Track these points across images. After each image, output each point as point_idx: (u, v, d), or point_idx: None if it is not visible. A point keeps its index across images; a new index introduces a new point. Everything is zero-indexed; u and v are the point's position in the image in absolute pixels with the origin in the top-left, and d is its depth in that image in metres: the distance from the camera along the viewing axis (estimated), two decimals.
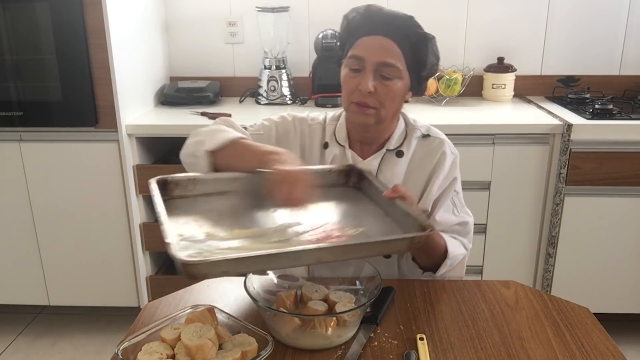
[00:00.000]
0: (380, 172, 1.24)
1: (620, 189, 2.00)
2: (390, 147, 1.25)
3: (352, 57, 1.17)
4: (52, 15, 1.89)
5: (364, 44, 1.16)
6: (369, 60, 1.14)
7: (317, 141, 1.28)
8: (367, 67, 1.15)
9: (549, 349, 0.92)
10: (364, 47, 1.15)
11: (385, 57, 1.14)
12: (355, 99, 1.17)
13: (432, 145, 1.27)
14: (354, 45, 1.17)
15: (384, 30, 1.15)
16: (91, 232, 2.13)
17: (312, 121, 1.30)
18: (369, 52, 1.14)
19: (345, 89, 1.20)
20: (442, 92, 2.32)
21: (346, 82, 1.19)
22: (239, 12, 2.46)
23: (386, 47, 1.14)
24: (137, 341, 0.86)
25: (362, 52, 1.15)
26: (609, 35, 2.42)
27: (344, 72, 1.19)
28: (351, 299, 0.97)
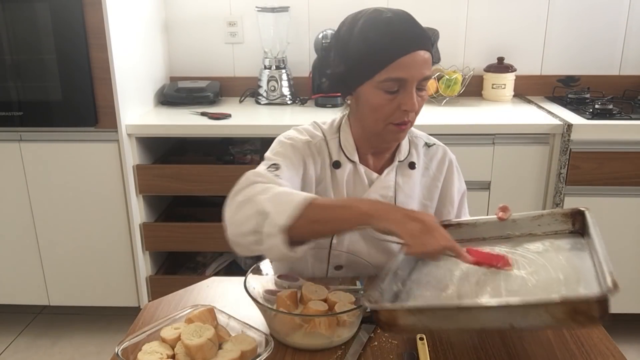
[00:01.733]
0: (398, 186, 1.18)
1: (620, 189, 2.00)
2: (401, 159, 1.20)
3: (389, 80, 1.03)
4: (52, 15, 1.89)
5: (405, 63, 1.03)
6: (412, 80, 1.04)
7: (325, 162, 1.17)
8: (410, 86, 1.04)
9: (549, 349, 0.92)
10: (405, 67, 1.03)
11: (426, 71, 1.05)
12: (397, 120, 1.07)
13: (438, 155, 1.24)
14: (389, 67, 1.03)
15: (418, 44, 1.04)
16: (91, 232, 2.13)
17: (314, 139, 1.17)
18: (411, 72, 1.03)
19: (380, 112, 1.07)
20: (442, 92, 2.32)
21: (382, 107, 1.06)
22: (239, 12, 2.46)
23: (426, 61, 1.05)
24: (137, 341, 0.86)
25: (405, 73, 1.03)
26: (609, 36, 2.42)
27: (376, 95, 1.06)
28: (351, 299, 0.97)
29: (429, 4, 2.39)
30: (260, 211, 0.92)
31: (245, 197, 0.96)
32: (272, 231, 0.90)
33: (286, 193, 0.95)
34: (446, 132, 1.98)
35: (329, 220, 0.92)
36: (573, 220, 1.03)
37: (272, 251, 0.92)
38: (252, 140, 2.26)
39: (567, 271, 0.89)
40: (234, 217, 0.96)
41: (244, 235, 0.94)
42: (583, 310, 0.70)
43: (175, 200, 2.42)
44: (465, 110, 2.25)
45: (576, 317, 0.71)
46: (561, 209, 1.05)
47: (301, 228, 0.90)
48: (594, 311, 0.70)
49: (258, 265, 1.03)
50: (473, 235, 1.10)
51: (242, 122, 2.08)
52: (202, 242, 2.15)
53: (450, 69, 2.40)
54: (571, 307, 0.71)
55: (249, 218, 0.93)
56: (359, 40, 1.05)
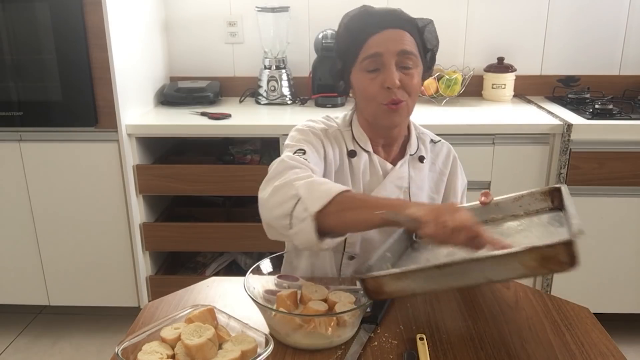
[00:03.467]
0: (411, 178, 1.22)
1: (620, 189, 2.00)
2: (412, 152, 1.24)
3: (366, 58, 1.11)
4: (52, 15, 1.89)
5: (376, 40, 1.10)
6: (387, 54, 1.10)
7: (342, 150, 1.20)
8: (387, 61, 1.10)
9: (549, 349, 0.92)
10: (378, 43, 1.10)
11: (402, 45, 1.10)
12: (385, 100, 1.12)
13: (444, 151, 1.30)
14: (364, 46, 1.11)
15: (392, 23, 1.12)
16: (91, 232, 2.13)
17: (330, 129, 1.21)
18: (385, 45, 1.10)
19: (367, 94, 1.13)
20: (442, 92, 2.32)
21: (367, 87, 1.12)
22: (239, 12, 2.46)
23: (400, 36, 1.11)
24: (137, 341, 0.86)
25: (378, 47, 1.10)
26: (609, 36, 2.42)
27: (361, 77, 1.13)
28: (351, 299, 0.97)
29: (429, 4, 2.39)
30: (294, 195, 0.95)
31: (284, 180, 0.99)
32: (303, 215, 0.93)
33: (322, 182, 0.99)
34: (446, 132, 1.97)
35: (357, 208, 0.93)
36: (552, 198, 1.08)
37: (300, 236, 0.95)
38: (252, 140, 2.26)
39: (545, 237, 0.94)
40: (270, 200, 0.99)
41: (277, 218, 0.97)
42: (551, 255, 0.74)
43: (175, 200, 2.42)
44: (465, 110, 2.25)
45: (546, 264, 0.74)
46: (539, 188, 1.10)
47: (331, 216, 0.92)
48: (561, 256, 0.74)
49: (258, 265, 1.03)
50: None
51: (242, 122, 2.08)
52: (202, 242, 2.15)
53: (450, 69, 2.40)
54: (539, 254, 0.74)
55: (284, 202, 0.96)
56: (343, 32, 1.16)
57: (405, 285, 0.83)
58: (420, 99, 2.40)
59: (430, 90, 2.33)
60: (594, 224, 2.03)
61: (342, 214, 0.93)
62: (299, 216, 0.94)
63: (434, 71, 2.38)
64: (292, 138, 1.17)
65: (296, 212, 0.94)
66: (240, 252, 2.33)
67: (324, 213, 0.92)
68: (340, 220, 0.94)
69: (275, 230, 1.01)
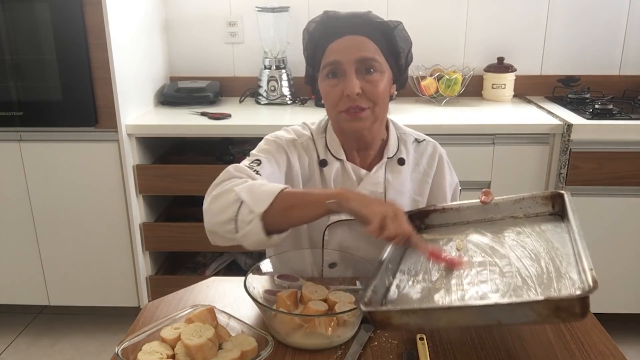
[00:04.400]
0: (388, 182, 1.20)
1: (620, 189, 2.00)
2: (390, 155, 1.22)
3: (326, 65, 1.11)
4: (52, 15, 1.89)
5: (335, 48, 1.10)
6: (345, 61, 1.09)
7: (313, 160, 1.20)
8: (346, 68, 1.09)
9: (549, 349, 0.92)
10: (336, 51, 1.10)
11: (361, 52, 1.09)
12: (344, 107, 1.10)
13: (428, 150, 1.27)
14: (325, 54, 1.11)
15: (352, 29, 1.10)
16: (91, 232, 2.13)
17: (301, 138, 1.21)
18: (343, 53, 1.09)
19: (329, 100, 1.13)
20: (442, 92, 2.32)
21: (328, 93, 1.12)
22: (239, 12, 2.46)
23: (359, 43, 1.10)
24: (137, 341, 0.86)
25: (336, 55, 1.09)
26: (609, 36, 2.42)
27: (323, 84, 1.13)
28: (351, 299, 0.97)
29: (429, 4, 2.39)
30: (236, 200, 0.98)
31: (222, 188, 1.02)
32: (249, 218, 0.96)
33: (260, 184, 1.01)
34: (446, 132, 1.98)
35: (300, 204, 0.97)
36: (552, 203, 1.07)
37: (248, 237, 0.97)
38: (252, 140, 2.26)
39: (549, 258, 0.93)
40: (211, 207, 1.02)
41: (220, 224, 1.00)
42: (565, 307, 0.74)
43: (175, 200, 2.42)
44: (465, 110, 2.25)
45: (559, 314, 0.75)
46: (541, 192, 1.09)
47: (276, 214, 0.96)
48: (575, 308, 0.74)
49: (258, 265, 1.03)
50: (457, 219, 1.13)
51: (242, 122, 2.08)
52: (202, 242, 2.15)
53: (450, 69, 2.40)
54: (554, 305, 0.75)
55: (226, 207, 0.98)
56: (307, 39, 1.17)
57: (414, 320, 0.83)
58: (420, 99, 2.40)
59: (430, 90, 2.33)
60: (594, 224, 2.03)
61: (286, 211, 0.97)
62: (245, 219, 0.96)
63: (434, 71, 2.39)
64: (258, 147, 1.19)
65: (241, 216, 0.97)
66: (240, 252, 2.33)
67: (269, 212, 0.95)
68: (285, 216, 0.97)
69: (219, 236, 1.02)
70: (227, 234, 1.00)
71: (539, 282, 0.87)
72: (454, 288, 0.92)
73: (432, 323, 0.86)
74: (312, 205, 0.97)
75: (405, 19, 1.25)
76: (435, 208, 1.16)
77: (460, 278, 0.94)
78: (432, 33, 2.42)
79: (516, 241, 1.02)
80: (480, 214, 1.12)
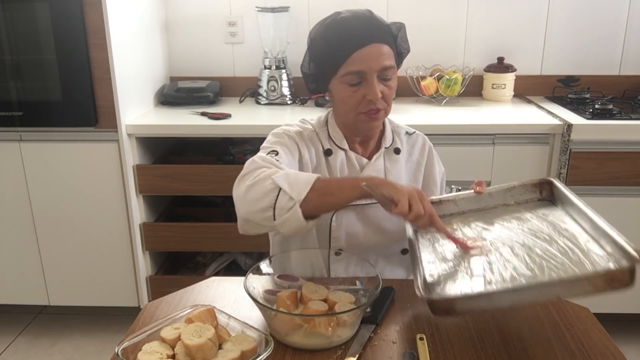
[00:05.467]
0: (387, 170, 1.27)
1: (620, 189, 2.00)
2: (387, 145, 1.29)
3: (349, 74, 1.14)
4: (52, 15, 1.89)
5: (359, 57, 1.13)
6: (370, 71, 1.13)
7: (318, 150, 1.26)
8: (370, 77, 1.14)
9: (549, 349, 0.92)
10: (361, 60, 1.13)
11: (384, 61, 1.14)
12: (365, 110, 1.17)
13: (418, 142, 1.34)
14: (347, 62, 1.14)
15: (372, 37, 1.13)
16: (91, 232, 2.13)
17: (305, 131, 1.27)
18: (369, 63, 1.13)
19: (347, 104, 1.18)
20: (442, 92, 2.32)
21: (348, 98, 1.17)
22: (239, 12, 2.46)
23: (381, 52, 1.14)
24: (137, 341, 0.86)
25: (362, 65, 1.13)
26: (609, 36, 2.42)
27: (342, 89, 1.17)
28: (351, 299, 0.97)
29: (429, 4, 2.39)
30: (274, 188, 1.01)
31: (256, 178, 1.05)
32: (289, 205, 1.00)
33: (295, 172, 1.06)
34: (446, 132, 1.98)
35: (335, 191, 1.03)
36: (540, 189, 1.15)
37: (287, 224, 1.01)
38: (252, 140, 2.26)
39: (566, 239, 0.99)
40: (247, 195, 1.04)
41: (258, 211, 1.03)
42: (619, 278, 0.81)
43: (175, 200, 2.42)
44: (465, 110, 2.25)
45: (613, 284, 0.81)
46: (530, 180, 1.16)
47: (313, 201, 1.00)
48: (626, 277, 0.81)
49: (258, 265, 1.03)
50: (454, 210, 1.19)
51: (242, 122, 2.08)
52: (202, 242, 2.15)
53: (450, 69, 2.40)
54: (610, 277, 0.82)
55: (264, 195, 1.02)
56: (321, 42, 1.18)
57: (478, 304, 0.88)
58: (420, 99, 2.40)
59: (430, 90, 2.33)
60: None
61: (322, 197, 1.01)
62: (284, 206, 1.00)
63: (434, 71, 2.39)
64: (268, 141, 1.23)
65: (280, 203, 1.00)
66: (240, 252, 2.33)
67: (307, 199, 1.00)
68: (321, 203, 1.02)
69: (254, 224, 1.06)
70: (264, 221, 1.03)
71: (569, 259, 0.92)
72: (488, 272, 0.96)
73: (496, 305, 0.90)
74: (346, 190, 1.02)
75: (405, 18, 1.26)
76: (432, 200, 1.20)
77: (489, 262, 0.98)
78: (432, 33, 2.42)
79: (521, 227, 1.07)
80: (475, 203, 1.18)
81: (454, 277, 0.97)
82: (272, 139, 1.23)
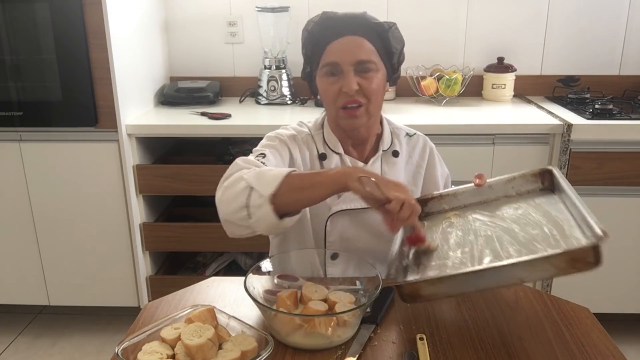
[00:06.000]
0: (384, 173, 1.26)
1: (620, 189, 2.00)
2: (385, 148, 1.28)
3: (325, 65, 1.15)
4: (52, 15, 1.89)
5: (334, 48, 1.14)
6: (344, 63, 1.13)
7: (313, 154, 1.25)
8: (345, 68, 1.14)
9: (549, 349, 0.92)
10: (335, 52, 1.14)
11: (359, 55, 1.14)
12: (341, 103, 1.16)
13: (419, 144, 1.33)
14: (324, 53, 1.15)
15: (350, 30, 1.15)
16: (91, 232, 2.13)
17: (300, 134, 1.26)
18: (342, 55, 1.13)
19: (327, 97, 1.18)
20: (442, 92, 2.32)
21: (327, 91, 1.17)
22: (239, 12, 2.46)
23: (357, 44, 1.14)
24: (137, 341, 0.86)
25: (335, 56, 1.14)
26: (609, 36, 2.42)
27: (321, 82, 1.18)
28: (351, 299, 0.97)
29: (429, 4, 2.39)
30: (246, 187, 1.01)
31: (232, 179, 1.05)
32: (259, 202, 0.98)
33: (268, 169, 1.05)
34: (446, 132, 1.98)
35: (308, 185, 1.00)
36: (542, 179, 1.13)
37: (261, 222, 1.00)
38: (252, 140, 2.26)
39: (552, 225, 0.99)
40: (223, 197, 1.05)
41: (234, 212, 1.02)
42: (581, 257, 0.81)
43: (175, 200, 2.42)
44: (465, 110, 2.25)
45: (575, 265, 0.81)
46: (530, 170, 1.15)
47: (285, 196, 0.99)
48: (589, 257, 0.80)
49: (258, 265, 1.03)
50: (455, 204, 1.19)
51: (242, 122, 2.08)
52: (202, 242, 2.15)
53: (450, 69, 2.40)
54: (571, 256, 0.81)
55: (237, 195, 1.01)
56: (307, 37, 1.21)
57: (441, 289, 0.88)
58: (420, 99, 2.40)
59: (430, 90, 2.33)
60: None
61: (295, 193, 1.00)
62: (255, 204, 0.99)
63: (434, 71, 2.39)
64: (260, 144, 1.23)
65: (252, 201, 0.99)
66: (240, 252, 2.33)
67: (278, 195, 0.98)
68: (294, 198, 1.00)
69: (235, 225, 1.05)
70: (241, 221, 1.02)
71: (547, 245, 0.93)
72: (469, 260, 0.97)
73: (459, 289, 0.90)
74: (321, 185, 0.99)
75: (405, 18, 1.26)
76: (433, 195, 1.21)
77: (472, 252, 0.99)
78: (432, 33, 2.41)
79: (516, 215, 1.07)
80: (475, 196, 1.18)
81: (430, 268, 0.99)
82: (264, 142, 1.23)
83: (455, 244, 1.04)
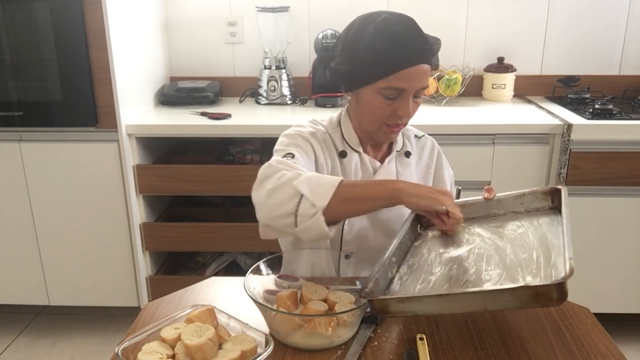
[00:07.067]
0: (399, 173, 1.27)
1: (620, 189, 2.00)
2: (398, 149, 1.29)
3: (389, 88, 1.11)
4: (52, 15, 1.89)
5: (406, 75, 1.09)
6: (410, 90, 1.11)
7: (332, 152, 1.24)
8: (407, 95, 1.12)
9: (549, 349, 0.92)
10: (406, 79, 1.10)
11: (424, 82, 1.13)
12: (391, 122, 1.16)
13: (427, 145, 1.35)
14: (393, 76, 1.09)
15: (421, 59, 1.11)
16: (91, 232, 2.13)
17: (318, 132, 1.24)
18: (411, 83, 1.11)
19: (376, 114, 1.15)
20: (442, 92, 2.32)
21: (380, 109, 1.14)
22: (239, 12, 2.46)
23: (425, 72, 1.12)
24: (137, 341, 0.86)
25: (405, 84, 1.10)
26: (609, 35, 2.42)
27: (375, 98, 1.13)
28: (351, 299, 0.97)
29: (429, 4, 2.39)
30: (295, 194, 0.97)
31: (277, 182, 1.01)
32: (311, 212, 0.96)
33: (318, 176, 1.02)
34: (446, 132, 1.98)
35: (361, 198, 1.00)
36: (552, 198, 1.13)
37: (309, 231, 0.98)
38: (252, 140, 2.26)
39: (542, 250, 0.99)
40: (268, 201, 1.00)
41: (280, 217, 0.99)
42: (543, 293, 0.81)
43: (175, 200, 2.42)
44: (465, 110, 2.25)
45: (538, 300, 0.81)
46: (541, 188, 1.15)
47: (336, 207, 0.97)
48: (552, 294, 0.80)
49: (258, 265, 1.03)
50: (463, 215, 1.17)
51: (242, 122, 2.08)
52: (202, 242, 2.15)
53: (450, 69, 2.40)
54: (533, 291, 0.81)
55: (286, 201, 0.98)
56: (366, 47, 1.10)
57: (409, 307, 0.89)
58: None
59: (430, 90, 2.33)
60: (594, 224, 2.03)
61: (346, 204, 0.99)
62: (306, 213, 0.97)
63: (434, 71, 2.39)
64: (281, 143, 1.19)
65: (302, 210, 0.97)
66: (240, 252, 2.33)
67: (330, 206, 0.97)
68: (345, 209, 1.00)
69: (275, 230, 1.03)
70: (285, 227, 1.00)
71: (529, 272, 0.93)
72: (454, 280, 0.97)
73: (425, 310, 0.91)
74: (373, 199, 1.01)
75: None
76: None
77: (460, 270, 0.99)
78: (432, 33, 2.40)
79: (515, 234, 1.07)
80: (484, 209, 1.18)
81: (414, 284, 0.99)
82: (286, 141, 1.18)
83: (447, 260, 1.04)
